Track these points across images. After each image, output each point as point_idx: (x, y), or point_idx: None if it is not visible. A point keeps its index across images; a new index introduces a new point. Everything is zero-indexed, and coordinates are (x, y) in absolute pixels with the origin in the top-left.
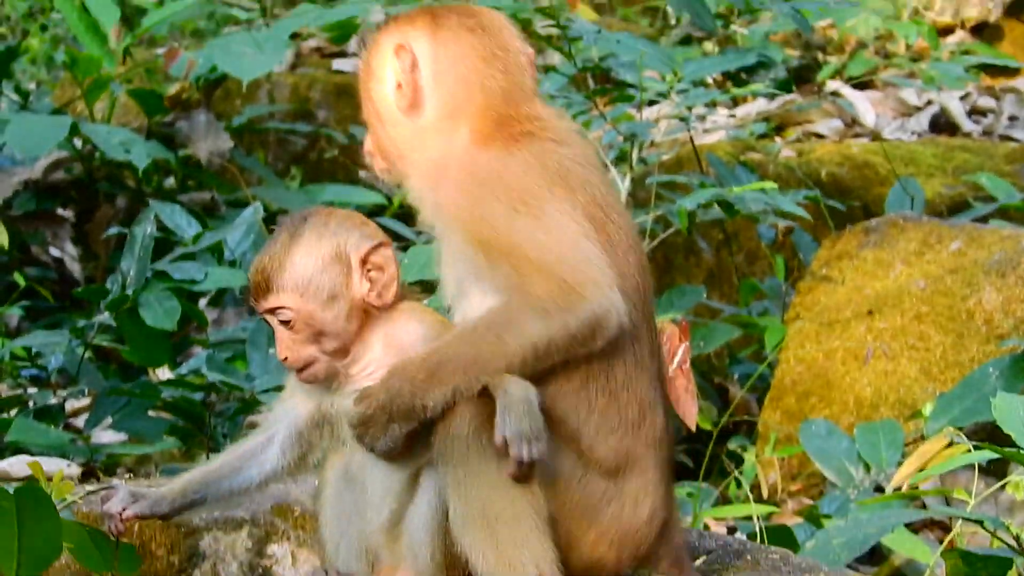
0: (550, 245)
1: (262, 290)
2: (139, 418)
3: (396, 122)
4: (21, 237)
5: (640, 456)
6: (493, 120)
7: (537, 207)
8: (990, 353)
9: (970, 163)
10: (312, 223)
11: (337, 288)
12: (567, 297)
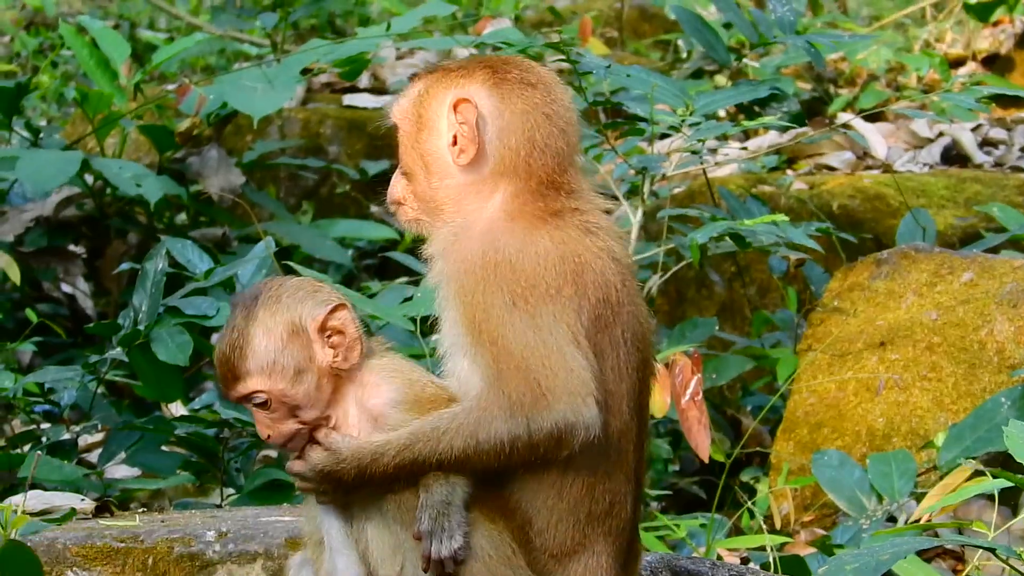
0: (535, 346)
1: (230, 380)
2: (152, 453)
3: (447, 174)
4: (33, 273)
5: (591, 544)
6: (535, 184)
7: (535, 306)
8: (1002, 383)
9: (982, 194)
10: (264, 301)
11: (301, 362)
12: (536, 402)
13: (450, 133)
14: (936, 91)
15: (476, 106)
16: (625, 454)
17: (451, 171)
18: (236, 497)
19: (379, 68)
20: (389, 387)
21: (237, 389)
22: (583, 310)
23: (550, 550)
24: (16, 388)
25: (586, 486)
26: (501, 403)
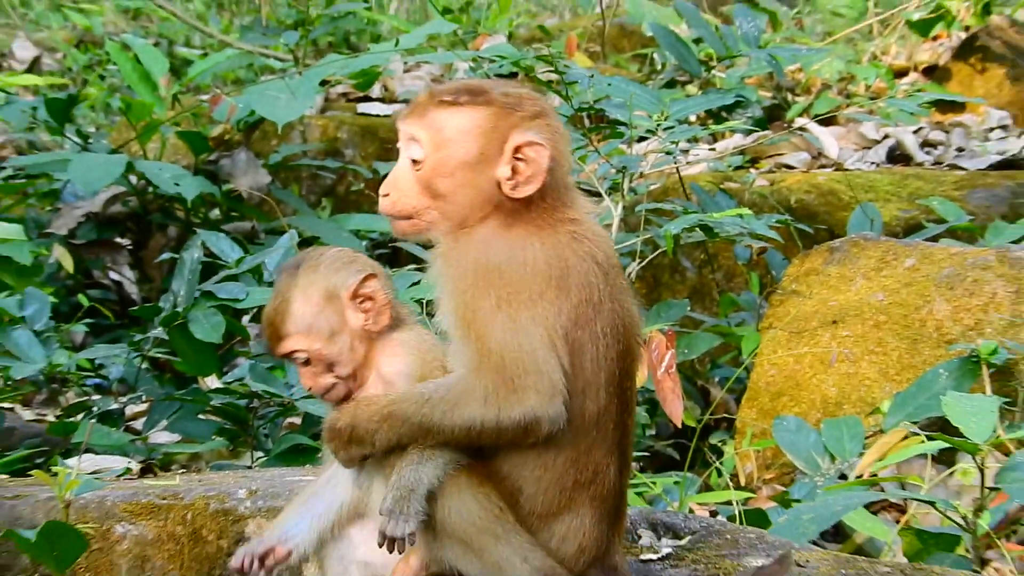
0: (513, 347)
1: (274, 340)
2: (191, 421)
3: (488, 200)
4: (84, 263)
5: (577, 507)
6: (539, 200)
7: (517, 310)
8: (940, 357)
9: (923, 189)
10: (304, 270)
11: (336, 325)
12: (508, 395)
13: (508, 167)
14: (882, 98)
15: (548, 148)
16: (605, 431)
17: (494, 197)
18: (264, 459)
19: (389, 80)
20: (403, 358)
21: (280, 347)
22: (563, 311)
23: (537, 512)
24: (70, 364)
25: (569, 460)
26: (478, 389)
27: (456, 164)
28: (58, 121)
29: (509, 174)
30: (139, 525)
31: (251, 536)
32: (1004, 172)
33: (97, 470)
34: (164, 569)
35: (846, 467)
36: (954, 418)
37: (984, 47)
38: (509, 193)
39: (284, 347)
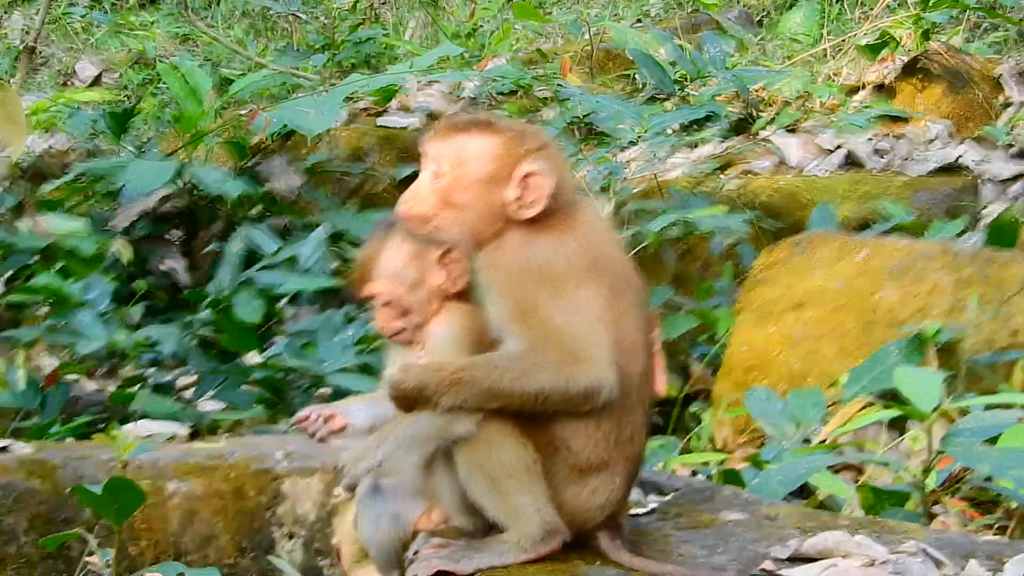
0: (570, 324)
1: (362, 280)
2: (234, 392)
3: (498, 217)
4: (140, 254)
5: (614, 464)
6: (554, 212)
7: (572, 292)
8: (892, 336)
9: (873, 191)
10: (400, 227)
11: (418, 278)
12: (572, 367)
13: (515, 190)
14: (836, 113)
15: (547, 176)
16: (643, 392)
17: (501, 214)
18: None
19: (405, 96)
20: (448, 327)
21: (366, 288)
22: (603, 287)
23: (580, 466)
24: (128, 341)
25: (616, 419)
26: (548, 361)
27: (472, 181)
28: (116, 131)
29: (515, 197)
30: (189, 483)
31: (287, 492)
32: (944, 177)
33: (151, 434)
34: (210, 522)
35: (810, 433)
36: (905, 390)
37: (925, 68)
38: (512, 214)
39: (369, 288)
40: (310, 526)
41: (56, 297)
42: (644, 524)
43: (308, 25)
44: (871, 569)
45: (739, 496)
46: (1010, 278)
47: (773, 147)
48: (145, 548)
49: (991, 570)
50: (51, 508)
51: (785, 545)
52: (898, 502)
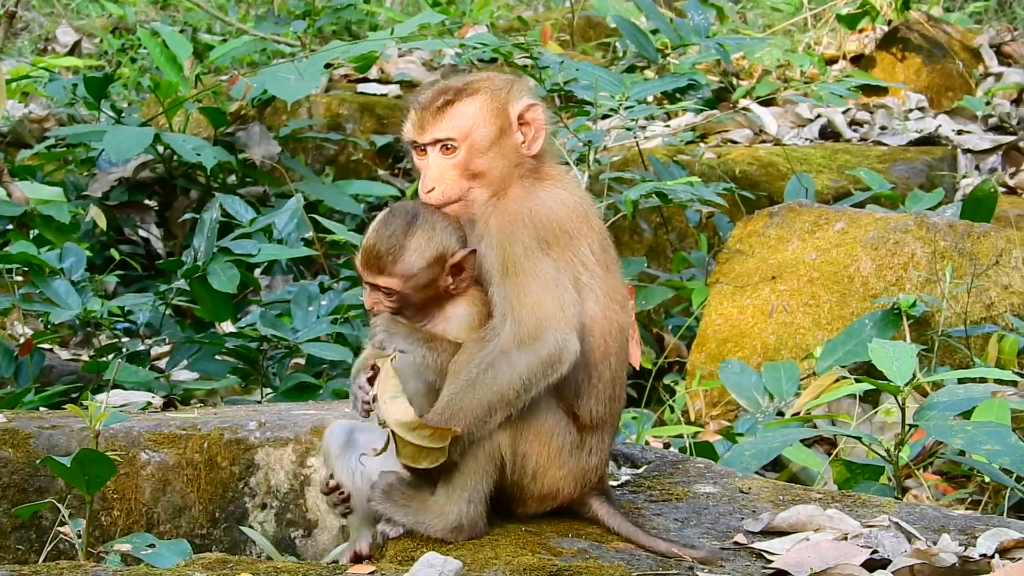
0: (545, 283)
1: (374, 271)
2: (208, 361)
3: (514, 162)
4: (116, 222)
5: (606, 421)
6: (542, 157)
7: (556, 250)
8: (866, 308)
9: (850, 162)
10: (422, 224)
11: (430, 280)
12: (535, 331)
13: (520, 133)
14: (815, 83)
15: (538, 109)
16: (627, 349)
17: (518, 159)
18: (272, 395)
19: (385, 63)
20: (466, 310)
21: (375, 279)
22: (594, 241)
23: (582, 426)
24: (103, 310)
25: (612, 373)
26: (513, 338)
27: (486, 143)
28: (95, 97)
29: (522, 139)
30: (161, 453)
31: (260, 463)
32: (921, 148)
33: (125, 404)
34: (183, 492)
35: (783, 405)
36: (878, 363)
37: (904, 39)
38: (526, 152)
39: (379, 280)
40: (283, 497)
41: (31, 265)
42: (617, 496)
43: None
44: (843, 542)
45: (712, 469)
46: (985, 251)
47: (752, 116)
48: (117, 517)
49: (963, 544)
50: (24, 478)
51: (758, 518)
52: (871, 476)
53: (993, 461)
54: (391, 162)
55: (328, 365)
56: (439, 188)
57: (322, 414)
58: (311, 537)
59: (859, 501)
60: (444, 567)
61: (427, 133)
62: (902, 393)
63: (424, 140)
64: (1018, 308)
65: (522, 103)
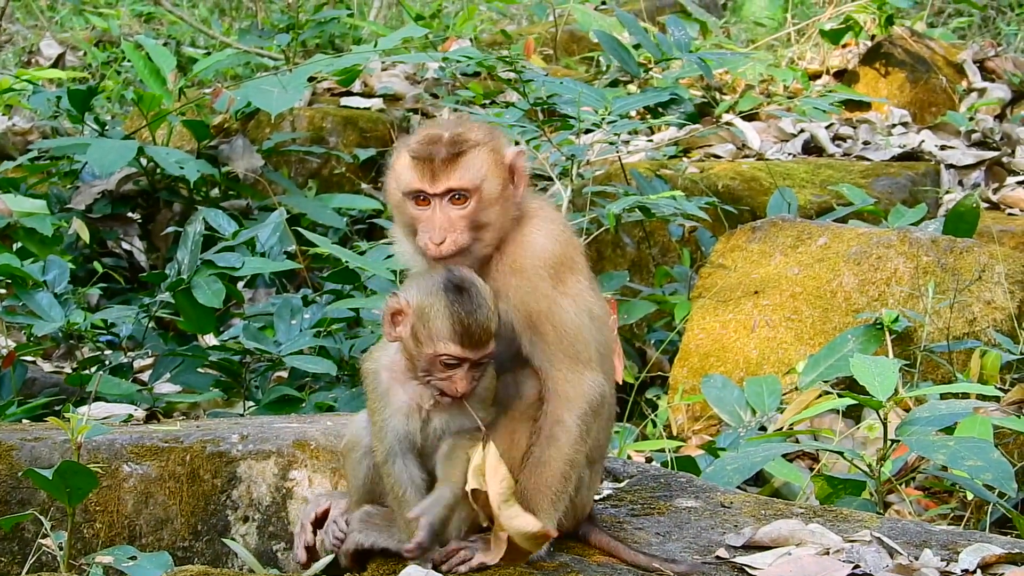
0: (571, 337)
1: (484, 341)
2: (191, 374)
3: (510, 209)
4: (99, 234)
5: (601, 451)
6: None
7: (565, 287)
8: (849, 324)
9: (833, 177)
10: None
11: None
12: (582, 380)
13: (507, 177)
14: (798, 98)
15: (521, 156)
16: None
17: (512, 206)
18: (255, 408)
19: (368, 77)
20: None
21: (486, 348)
22: (585, 263)
23: (595, 459)
24: (85, 323)
25: (609, 405)
26: (561, 404)
27: (494, 196)
28: (78, 110)
29: (512, 178)
30: (144, 465)
31: (242, 476)
32: (904, 163)
33: (108, 416)
34: (165, 504)
35: (765, 420)
36: (861, 378)
37: (888, 54)
38: (516, 200)
39: (487, 348)
40: (265, 510)
41: (14, 277)
42: (599, 510)
43: (273, 4)
44: (825, 557)
45: (694, 483)
46: (968, 266)
47: (735, 131)
48: (100, 530)
49: (945, 559)
50: (6, 490)
51: (739, 533)
52: (853, 491)
53: (975, 477)
54: (374, 175)
55: (311, 378)
56: (450, 238)
57: (304, 427)
58: (293, 550)
59: (841, 516)
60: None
61: (439, 184)
62: (884, 408)
63: (436, 191)
64: (1000, 324)
65: (511, 151)
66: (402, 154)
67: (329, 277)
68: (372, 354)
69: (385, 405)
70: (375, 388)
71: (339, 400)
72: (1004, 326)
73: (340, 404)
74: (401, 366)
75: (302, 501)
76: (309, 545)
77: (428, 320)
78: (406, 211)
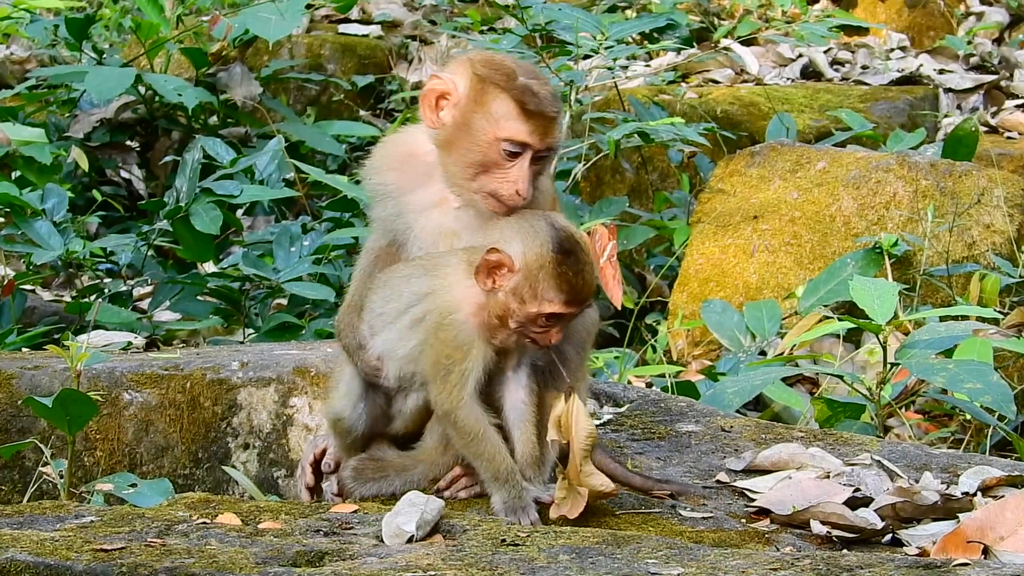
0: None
1: (588, 298)
2: (190, 302)
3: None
4: (98, 163)
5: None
6: None
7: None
8: (848, 248)
9: (832, 102)
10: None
11: None
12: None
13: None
14: (797, 22)
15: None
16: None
17: None
18: (255, 335)
19: (366, 3)
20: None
21: (588, 303)
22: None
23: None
24: (85, 251)
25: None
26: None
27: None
28: (76, 38)
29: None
30: (144, 393)
31: (242, 403)
32: (903, 87)
33: (107, 344)
34: (166, 432)
35: (765, 344)
36: (860, 301)
37: None
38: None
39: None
40: (265, 437)
41: (12, 206)
42: (600, 435)
43: None
44: (826, 481)
45: (694, 407)
46: (967, 190)
47: (734, 56)
48: (100, 458)
49: (945, 482)
50: (6, 418)
51: (740, 457)
52: (853, 414)
53: (975, 399)
54: (372, 102)
55: (310, 305)
56: (527, 191)
57: (304, 354)
58: (293, 477)
59: (841, 440)
60: (427, 505)
61: (545, 140)
62: (883, 331)
63: (540, 146)
64: (1000, 247)
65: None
66: (504, 99)
67: (328, 205)
68: (439, 301)
69: (466, 355)
70: (455, 337)
71: None
72: (1003, 249)
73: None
74: (482, 315)
75: (302, 428)
76: (310, 486)
77: (536, 280)
78: (489, 154)
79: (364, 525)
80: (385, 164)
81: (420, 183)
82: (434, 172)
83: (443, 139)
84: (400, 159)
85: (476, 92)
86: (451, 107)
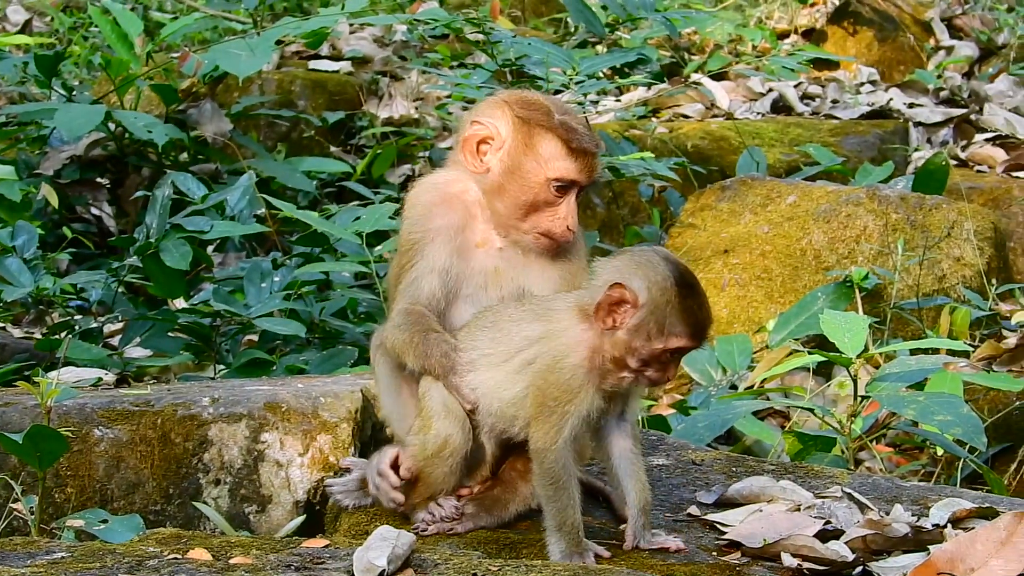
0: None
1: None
2: (161, 338)
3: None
4: (68, 199)
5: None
6: None
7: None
8: (818, 281)
9: (802, 136)
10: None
11: None
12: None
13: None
14: (767, 57)
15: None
16: None
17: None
18: (226, 371)
19: (336, 40)
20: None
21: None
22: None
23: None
24: (55, 288)
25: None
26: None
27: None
28: (46, 75)
29: None
30: (115, 429)
31: (213, 439)
32: (873, 121)
33: (78, 381)
34: (137, 468)
35: (736, 378)
36: (831, 335)
37: (856, 12)
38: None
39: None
40: (236, 472)
41: None
42: None
43: None
44: (796, 513)
45: (665, 441)
46: (937, 223)
47: (704, 91)
48: (71, 494)
49: (916, 514)
50: None
51: (711, 490)
52: (824, 447)
53: (946, 432)
54: (343, 138)
55: (281, 341)
56: (574, 225)
57: (275, 389)
58: (265, 512)
59: (812, 472)
60: (398, 540)
61: (591, 176)
62: (854, 365)
63: (585, 183)
64: (970, 280)
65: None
66: (550, 139)
67: (298, 240)
68: (551, 345)
69: (573, 399)
70: (566, 381)
71: (310, 363)
72: (973, 283)
73: (311, 367)
74: (595, 359)
75: (274, 464)
76: (396, 485)
77: (664, 315)
78: (540, 195)
79: (335, 560)
80: (434, 208)
81: (465, 224)
82: (476, 212)
83: (491, 184)
84: (445, 201)
85: (521, 135)
86: (495, 151)
